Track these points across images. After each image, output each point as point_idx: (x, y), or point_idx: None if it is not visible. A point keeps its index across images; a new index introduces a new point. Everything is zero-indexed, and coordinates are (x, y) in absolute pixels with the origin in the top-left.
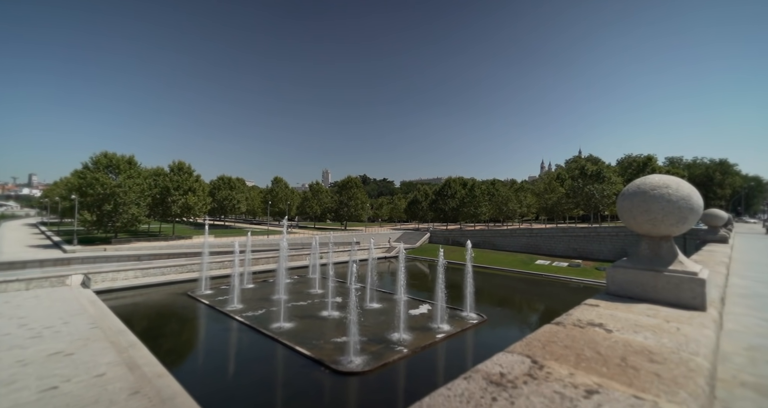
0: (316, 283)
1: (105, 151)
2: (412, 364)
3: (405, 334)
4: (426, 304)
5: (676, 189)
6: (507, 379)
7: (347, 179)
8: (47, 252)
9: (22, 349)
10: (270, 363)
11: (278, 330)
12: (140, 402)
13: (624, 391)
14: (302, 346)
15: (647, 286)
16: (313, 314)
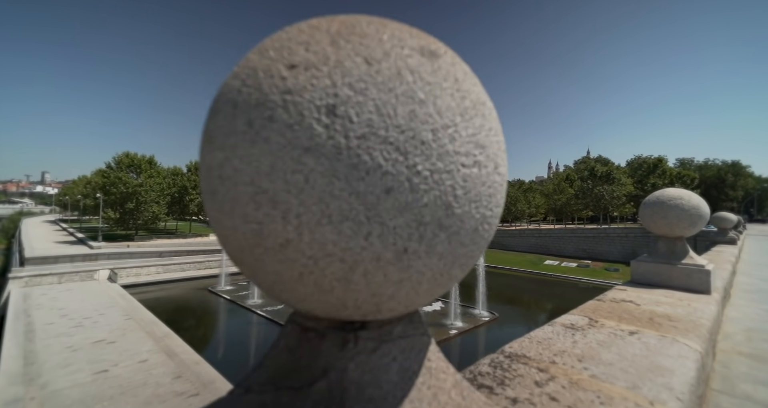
0: None
1: (127, 152)
2: None
3: None
4: (438, 302)
5: (688, 200)
6: (576, 326)
7: None
8: (75, 248)
9: (69, 337)
10: None
11: None
12: (184, 385)
13: (653, 333)
14: None
15: (664, 276)
16: None
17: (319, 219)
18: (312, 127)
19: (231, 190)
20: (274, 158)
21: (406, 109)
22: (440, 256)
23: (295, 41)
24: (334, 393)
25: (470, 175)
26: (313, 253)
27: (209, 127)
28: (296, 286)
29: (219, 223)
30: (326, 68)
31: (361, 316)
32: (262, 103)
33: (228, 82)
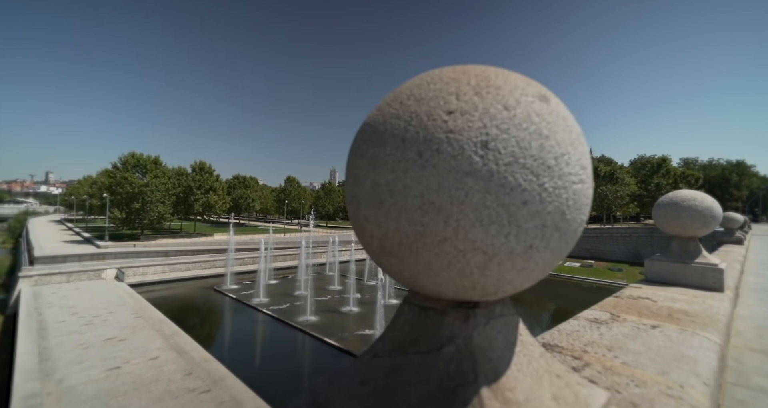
0: (334, 280)
1: (132, 152)
2: None
3: None
4: None
5: (701, 201)
6: (600, 321)
7: None
8: (82, 247)
9: (80, 334)
10: (301, 352)
11: (305, 323)
12: (195, 382)
13: (674, 327)
14: (330, 338)
15: (677, 274)
16: (335, 309)
17: (473, 223)
18: (471, 157)
19: (400, 201)
20: (441, 179)
21: (536, 143)
22: (552, 250)
23: (446, 92)
24: (463, 353)
25: (578, 190)
26: (464, 248)
27: (377, 154)
28: (442, 272)
29: (380, 225)
30: (477, 114)
31: (479, 297)
32: (429, 139)
33: (388, 120)
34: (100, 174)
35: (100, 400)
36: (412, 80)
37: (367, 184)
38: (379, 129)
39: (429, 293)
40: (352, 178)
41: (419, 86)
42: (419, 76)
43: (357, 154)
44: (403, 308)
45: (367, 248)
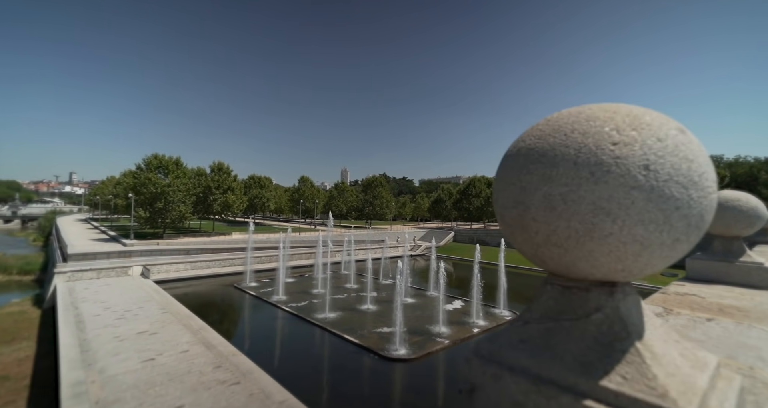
0: (350, 279)
1: (155, 153)
2: (452, 354)
3: (443, 328)
4: (458, 301)
5: (746, 202)
6: (654, 313)
7: (372, 178)
8: (109, 245)
9: (115, 327)
10: (322, 348)
11: (324, 320)
12: (225, 374)
13: (729, 320)
14: (349, 335)
15: (720, 273)
16: (353, 307)
17: (636, 222)
18: (636, 176)
19: (573, 207)
20: (612, 191)
21: (686, 165)
22: (690, 243)
23: (607, 127)
24: (612, 319)
25: (712, 198)
26: (625, 240)
27: (548, 172)
28: (601, 258)
29: (549, 223)
30: (637, 145)
31: (622, 278)
32: (599, 163)
33: (556, 147)
34: (123, 175)
35: (139, 390)
36: (564, 115)
37: (538, 194)
38: (548, 154)
39: (578, 275)
40: (519, 189)
41: (578, 122)
42: (570, 112)
43: (524, 171)
44: (545, 288)
45: (527, 240)
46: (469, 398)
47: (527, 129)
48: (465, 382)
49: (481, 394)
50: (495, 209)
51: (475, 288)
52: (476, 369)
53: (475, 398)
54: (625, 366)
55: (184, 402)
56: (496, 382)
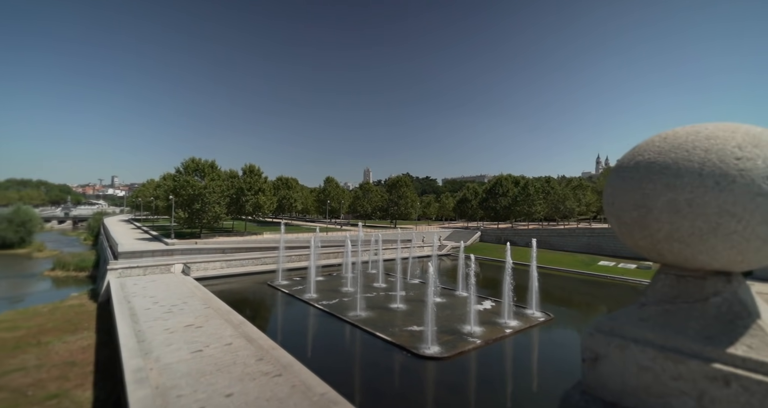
0: (379, 278)
1: (192, 157)
2: (485, 354)
3: (475, 327)
4: (488, 301)
5: None
6: None
7: (397, 178)
8: (153, 244)
9: (164, 320)
10: (355, 345)
11: (356, 318)
12: (267, 366)
13: None
14: (381, 333)
15: None
16: (383, 306)
17: (759, 221)
18: (760, 185)
19: (698, 210)
20: (736, 197)
21: None
22: None
23: (730, 145)
24: (732, 301)
25: None
26: (747, 236)
27: (673, 181)
28: (723, 252)
29: (672, 223)
30: (760, 159)
31: (739, 268)
32: (724, 174)
33: (679, 161)
34: (163, 178)
35: (192, 377)
36: (680, 134)
37: (662, 199)
38: (671, 167)
39: (695, 266)
40: (641, 195)
41: (698, 140)
42: (686, 131)
43: (646, 181)
44: (659, 276)
45: (646, 237)
46: (593, 365)
47: (641, 144)
48: (589, 352)
49: (605, 361)
50: (608, 211)
51: (505, 288)
52: (600, 341)
53: (600, 365)
54: (749, 338)
55: (233, 390)
56: (621, 351)
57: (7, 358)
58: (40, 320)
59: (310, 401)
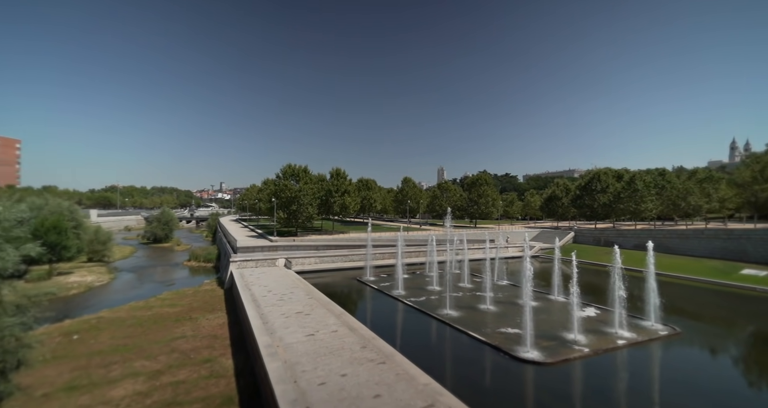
0: (464, 278)
1: (289, 164)
2: (594, 364)
3: (578, 335)
4: (591, 308)
5: None
6: None
7: (477, 176)
8: (260, 241)
9: (278, 306)
10: (448, 342)
11: (446, 316)
12: (371, 354)
13: None
14: (474, 332)
15: None
16: (471, 306)
17: None
18: None
19: None
20: None
21: None
22: None
23: None
24: None
25: None
26: None
27: None
28: None
29: None
30: None
31: None
32: None
33: None
34: (264, 183)
35: (310, 357)
36: None
37: None
38: None
39: None
40: None
41: None
42: None
43: None
44: None
45: None
46: None
47: None
48: None
49: None
50: None
51: (614, 295)
52: None
53: None
54: None
55: (347, 372)
56: None
57: (173, 327)
58: (188, 300)
59: (416, 390)
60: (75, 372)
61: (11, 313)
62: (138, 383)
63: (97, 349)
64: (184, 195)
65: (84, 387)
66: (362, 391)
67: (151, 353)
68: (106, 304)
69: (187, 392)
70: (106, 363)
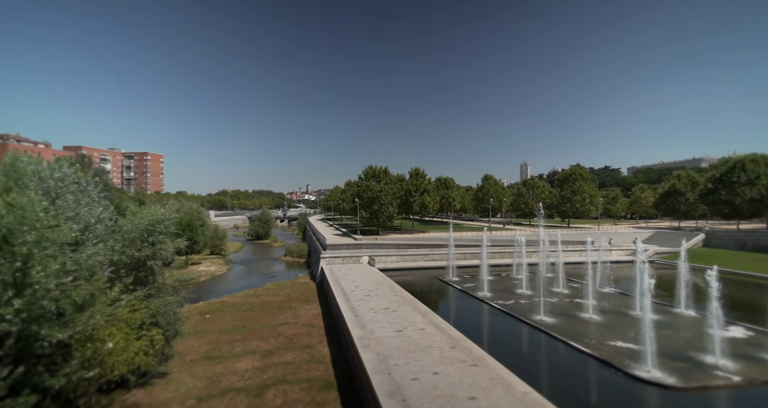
0: (558, 282)
1: (370, 165)
2: (749, 398)
3: (721, 359)
4: (738, 327)
5: None
6: None
7: (570, 170)
8: (345, 239)
9: (366, 302)
10: (545, 351)
11: (540, 322)
12: (461, 354)
13: None
14: (577, 343)
15: None
16: (569, 313)
17: None
18: None
19: None
20: None
21: None
22: None
23: None
24: None
25: None
26: None
27: None
28: None
29: None
30: None
31: None
32: None
33: None
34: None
35: (401, 352)
36: None
37: None
38: None
39: None
40: None
41: None
42: None
43: None
44: None
45: None
46: None
47: None
48: None
49: None
50: None
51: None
52: None
53: None
54: None
55: (438, 370)
56: None
57: (277, 314)
58: (287, 291)
59: (514, 397)
60: (210, 345)
61: (170, 293)
62: (255, 360)
63: (223, 327)
64: (277, 197)
65: (217, 358)
66: (456, 391)
67: (263, 335)
68: (225, 291)
69: (293, 372)
70: (230, 340)
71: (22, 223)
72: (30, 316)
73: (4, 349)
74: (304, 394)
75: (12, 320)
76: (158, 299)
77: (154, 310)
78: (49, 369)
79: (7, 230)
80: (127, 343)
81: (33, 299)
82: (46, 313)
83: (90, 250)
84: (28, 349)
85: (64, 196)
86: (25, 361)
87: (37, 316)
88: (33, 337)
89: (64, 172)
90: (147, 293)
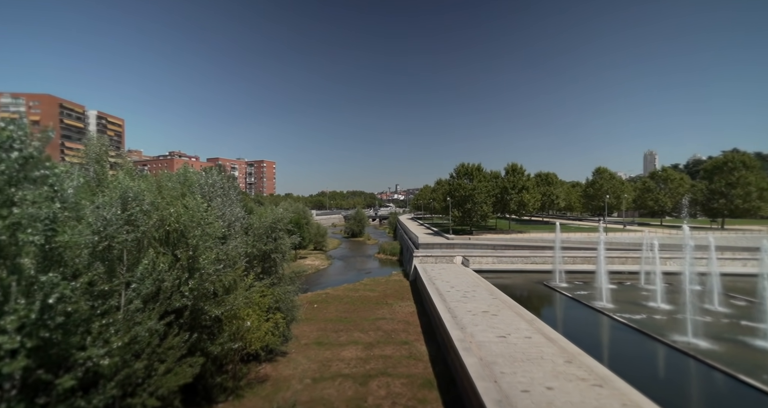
0: (712, 298)
1: (462, 163)
2: None
3: None
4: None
5: None
6: None
7: (726, 158)
8: (437, 238)
9: (463, 303)
10: (696, 382)
11: (688, 346)
12: (580, 371)
13: None
14: (748, 376)
15: None
16: (731, 338)
17: None
18: None
19: None
20: None
21: None
22: None
23: None
24: None
25: None
26: None
27: None
28: None
29: None
30: None
31: None
32: None
33: None
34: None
35: (506, 359)
36: None
37: None
38: None
39: None
40: None
41: None
42: None
43: None
44: None
45: None
46: None
47: None
48: None
49: None
50: None
51: None
52: None
53: None
54: None
55: (553, 385)
56: None
57: (375, 309)
58: (382, 288)
59: None
60: (319, 332)
61: (288, 283)
62: (358, 350)
63: (329, 317)
64: (369, 197)
65: (325, 344)
66: None
67: (363, 328)
68: (328, 283)
69: (393, 366)
70: (335, 329)
71: (192, 221)
72: (199, 294)
73: (183, 319)
74: (405, 389)
75: (188, 296)
76: (280, 287)
77: (277, 297)
78: (210, 338)
79: (184, 226)
80: (259, 323)
81: (200, 281)
82: (207, 293)
83: (232, 243)
84: (197, 320)
85: (215, 199)
86: (196, 330)
87: (201, 294)
88: (200, 311)
89: (215, 179)
90: (271, 282)
